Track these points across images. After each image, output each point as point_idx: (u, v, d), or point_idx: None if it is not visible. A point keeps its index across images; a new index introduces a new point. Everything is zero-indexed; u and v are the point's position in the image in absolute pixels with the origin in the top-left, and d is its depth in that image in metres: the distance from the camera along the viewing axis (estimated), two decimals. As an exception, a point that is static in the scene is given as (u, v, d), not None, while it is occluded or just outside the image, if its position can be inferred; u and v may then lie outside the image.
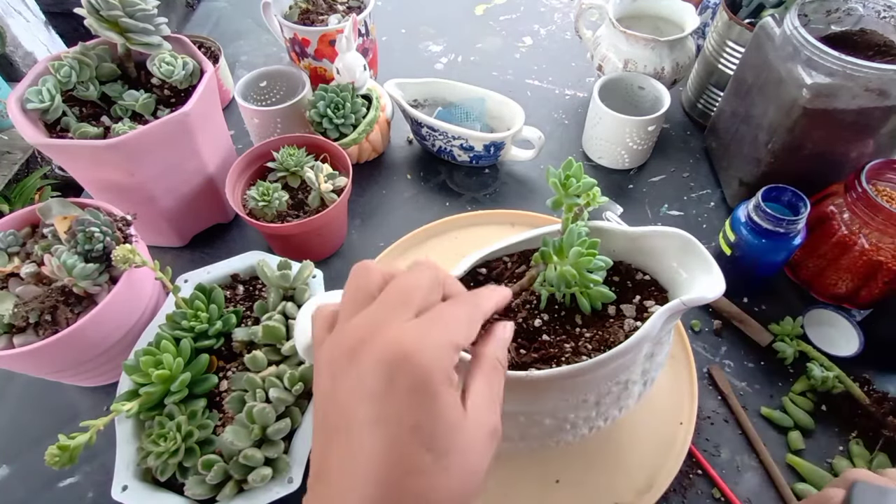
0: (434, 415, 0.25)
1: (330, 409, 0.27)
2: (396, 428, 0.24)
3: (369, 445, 0.24)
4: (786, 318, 0.61)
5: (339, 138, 0.73)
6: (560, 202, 0.39)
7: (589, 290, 0.40)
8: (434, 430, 0.25)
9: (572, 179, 0.37)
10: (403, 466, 0.24)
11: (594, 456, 0.52)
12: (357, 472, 0.25)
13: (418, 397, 0.25)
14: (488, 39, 1.04)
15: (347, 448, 0.25)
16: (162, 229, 0.68)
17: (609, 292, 0.40)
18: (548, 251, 0.38)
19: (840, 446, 0.55)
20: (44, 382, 0.59)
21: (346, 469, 0.25)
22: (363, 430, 0.25)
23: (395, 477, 0.24)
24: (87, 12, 0.56)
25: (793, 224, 0.55)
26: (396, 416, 0.24)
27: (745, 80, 0.68)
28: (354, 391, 0.25)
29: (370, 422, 0.25)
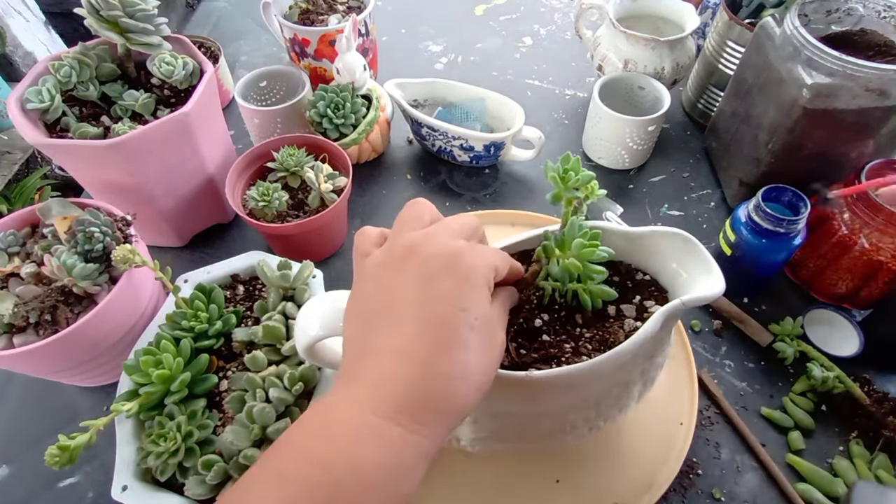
0: (480, 303, 0.29)
1: (377, 302, 0.30)
2: (450, 305, 0.28)
3: (421, 318, 0.28)
4: (786, 318, 0.61)
5: (339, 138, 0.73)
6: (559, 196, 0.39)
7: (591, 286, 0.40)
8: (479, 314, 0.28)
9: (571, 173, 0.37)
10: (452, 338, 0.28)
11: (594, 456, 0.52)
12: (406, 343, 0.28)
13: (469, 286, 0.28)
14: (488, 39, 1.04)
15: (397, 325, 0.28)
16: (162, 229, 0.68)
17: (610, 290, 0.40)
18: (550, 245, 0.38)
19: (840, 446, 0.55)
20: (44, 382, 0.59)
21: (395, 343, 0.28)
22: (415, 308, 0.28)
23: (443, 346, 0.27)
24: (87, 12, 0.56)
25: (793, 224, 0.55)
26: (450, 297, 0.28)
27: (746, 80, 0.68)
28: (408, 281, 0.29)
29: (423, 301, 0.28)
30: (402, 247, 0.30)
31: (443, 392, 0.27)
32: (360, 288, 0.32)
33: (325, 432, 0.28)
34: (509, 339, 0.42)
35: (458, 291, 0.28)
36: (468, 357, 0.28)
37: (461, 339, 0.28)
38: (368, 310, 0.31)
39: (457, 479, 0.51)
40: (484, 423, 0.41)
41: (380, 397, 0.27)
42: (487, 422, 0.41)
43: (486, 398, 0.39)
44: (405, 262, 0.30)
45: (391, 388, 0.27)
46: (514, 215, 0.70)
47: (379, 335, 0.29)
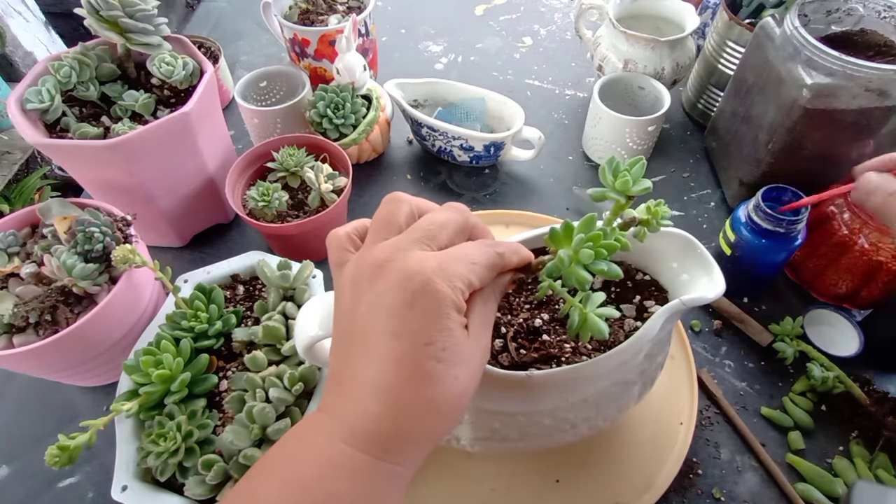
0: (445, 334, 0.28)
1: (350, 324, 0.30)
2: (412, 342, 0.27)
3: (386, 354, 0.28)
4: (786, 318, 0.61)
5: (338, 138, 0.73)
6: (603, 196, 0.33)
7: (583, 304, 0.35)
8: (445, 345, 0.28)
9: (625, 173, 0.32)
10: (417, 374, 0.27)
11: (594, 456, 0.52)
12: (373, 377, 0.28)
13: (433, 318, 0.28)
14: (488, 39, 1.04)
15: (365, 356, 0.28)
16: (162, 229, 0.68)
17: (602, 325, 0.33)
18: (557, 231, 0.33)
19: (840, 446, 0.55)
20: (44, 382, 0.59)
21: (364, 375, 0.28)
22: (381, 340, 0.28)
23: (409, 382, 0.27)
24: (87, 12, 0.56)
25: (793, 224, 0.55)
26: (413, 332, 0.27)
27: (745, 80, 0.68)
28: (375, 306, 0.28)
29: (388, 334, 0.28)
30: (371, 265, 0.29)
31: (411, 425, 0.27)
32: (338, 303, 0.31)
33: (299, 458, 0.28)
34: (509, 339, 0.42)
35: (422, 325, 0.27)
36: (435, 391, 0.27)
37: (426, 375, 0.27)
38: (344, 331, 0.30)
39: (457, 479, 0.51)
40: (484, 423, 0.41)
41: (348, 429, 0.27)
42: (487, 422, 0.41)
43: (486, 398, 0.39)
44: (373, 283, 0.29)
45: (359, 421, 0.27)
46: (513, 215, 0.70)
47: (349, 364, 0.29)
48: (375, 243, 0.30)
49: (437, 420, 0.28)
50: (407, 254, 0.29)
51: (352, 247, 0.33)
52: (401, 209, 0.32)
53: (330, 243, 0.33)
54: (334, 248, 0.33)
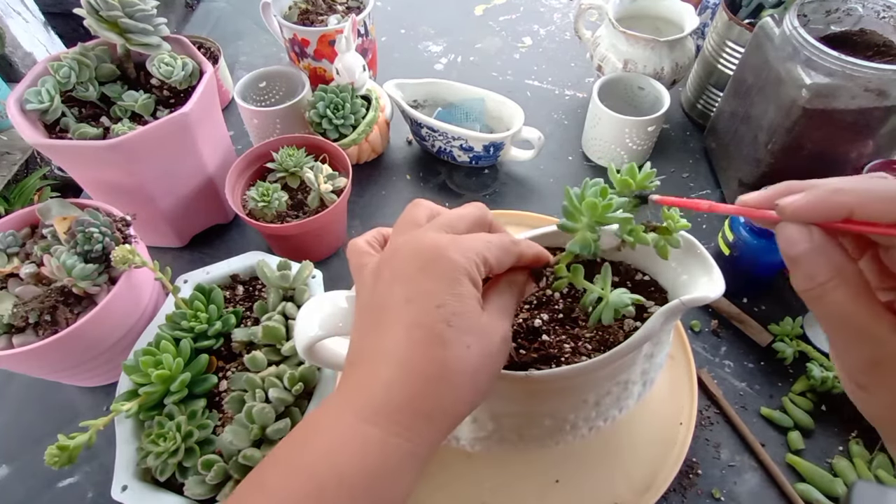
0: (456, 298, 0.28)
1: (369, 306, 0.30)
2: (423, 304, 0.27)
3: (398, 319, 0.28)
4: (785, 318, 0.61)
5: (338, 139, 0.73)
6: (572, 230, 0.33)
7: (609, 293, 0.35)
8: (456, 310, 0.27)
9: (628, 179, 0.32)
10: (427, 335, 0.27)
11: (594, 456, 0.52)
12: (385, 344, 0.28)
13: (445, 282, 0.28)
14: (488, 40, 1.04)
15: (379, 326, 0.28)
16: (161, 230, 0.68)
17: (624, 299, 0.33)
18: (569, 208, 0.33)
19: (840, 446, 0.55)
20: (44, 382, 0.59)
21: (377, 345, 0.28)
22: (394, 307, 0.28)
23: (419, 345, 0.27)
24: (87, 13, 0.56)
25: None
26: (424, 295, 0.28)
27: (745, 80, 0.68)
28: (391, 279, 0.29)
29: (402, 300, 0.28)
30: (390, 251, 0.31)
31: (422, 394, 0.27)
32: (358, 300, 0.32)
33: (307, 442, 0.27)
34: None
35: (434, 288, 0.28)
36: (445, 355, 0.27)
37: (435, 338, 0.27)
38: (362, 319, 0.31)
39: (457, 479, 0.51)
40: (484, 423, 0.41)
41: (360, 401, 0.27)
42: (487, 422, 0.41)
43: (487, 398, 0.39)
44: (391, 266, 0.30)
45: (370, 391, 0.27)
46: (513, 216, 0.70)
47: (367, 341, 0.29)
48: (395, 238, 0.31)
49: (449, 390, 0.27)
50: (424, 235, 0.30)
51: (372, 251, 0.34)
52: (421, 212, 0.33)
53: (350, 250, 0.34)
54: (354, 253, 0.34)
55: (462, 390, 0.27)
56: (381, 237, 0.35)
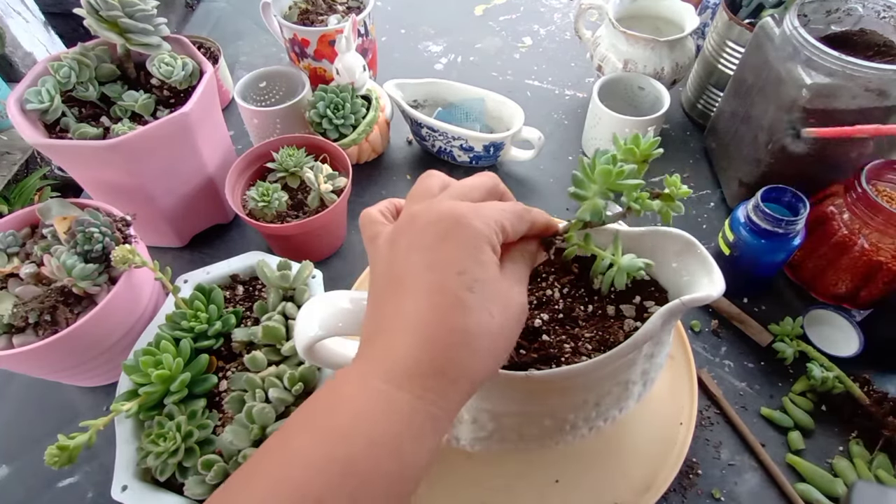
0: (478, 265, 0.28)
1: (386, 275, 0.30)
2: (445, 271, 0.28)
3: (420, 287, 0.28)
4: (786, 318, 0.61)
5: (338, 139, 0.73)
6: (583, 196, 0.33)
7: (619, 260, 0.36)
8: (478, 276, 0.28)
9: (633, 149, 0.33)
10: (450, 301, 0.27)
11: (594, 456, 0.52)
12: (407, 312, 0.28)
13: (466, 250, 0.28)
14: (488, 40, 1.04)
15: (400, 295, 0.28)
16: (161, 229, 0.68)
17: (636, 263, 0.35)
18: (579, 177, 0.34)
19: (840, 446, 0.55)
20: (44, 382, 0.59)
21: (398, 313, 0.28)
22: (415, 275, 0.28)
23: (442, 311, 0.27)
24: (87, 13, 0.56)
25: (792, 224, 0.55)
26: (445, 262, 0.28)
27: (745, 80, 0.68)
28: (410, 248, 0.29)
29: (422, 267, 0.28)
30: (406, 220, 0.30)
31: (445, 358, 0.27)
32: (373, 270, 0.32)
33: (333, 406, 0.27)
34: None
35: (455, 255, 0.28)
36: (468, 322, 0.27)
37: (458, 304, 0.27)
38: (379, 288, 0.31)
39: (457, 479, 0.51)
40: (484, 423, 0.41)
41: (385, 366, 0.27)
42: (487, 422, 0.41)
43: (486, 398, 0.39)
44: (408, 235, 0.30)
45: (393, 357, 0.27)
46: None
47: (386, 309, 0.29)
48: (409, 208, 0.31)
49: (471, 355, 0.27)
50: (440, 203, 0.30)
51: (385, 221, 0.34)
52: (434, 182, 0.33)
53: (363, 220, 0.34)
54: (367, 223, 0.34)
55: (483, 356, 0.28)
56: (393, 207, 0.35)
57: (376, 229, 0.33)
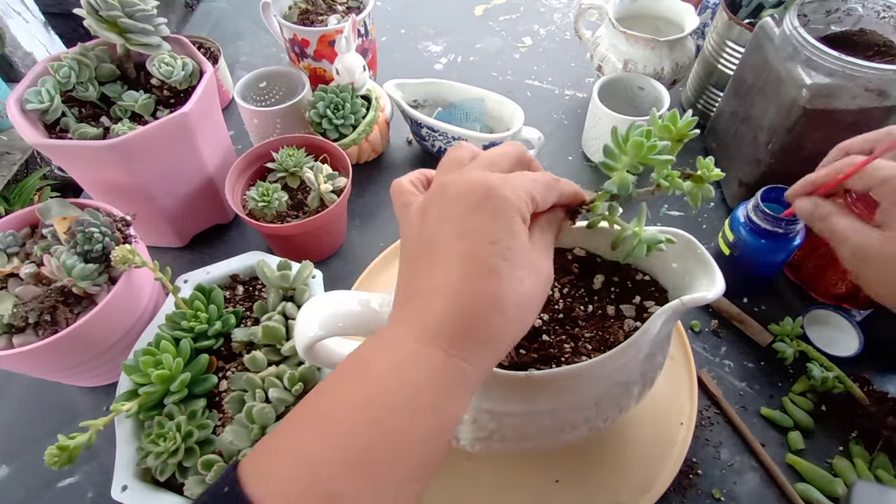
0: (510, 235, 0.29)
1: (417, 244, 0.31)
2: (476, 240, 0.28)
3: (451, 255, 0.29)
4: (786, 318, 0.61)
5: (338, 139, 0.73)
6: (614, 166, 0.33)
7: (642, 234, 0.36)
8: (510, 245, 0.29)
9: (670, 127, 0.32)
10: (482, 270, 0.28)
11: (594, 456, 0.52)
12: (439, 279, 0.28)
13: (498, 220, 0.29)
14: (488, 40, 1.04)
15: (431, 264, 0.29)
16: (161, 230, 0.68)
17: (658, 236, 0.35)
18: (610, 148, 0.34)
19: (840, 446, 0.55)
20: (44, 382, 0.59)
21: (430, 281, 0.29)
22: (447, 244, 0.29)
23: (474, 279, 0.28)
24: (87, 13, 0.56)
25: (792, 224, 0.55)
26: (478, 232, 0.29)
27: (745, 80, 0.68)
28: (441, 217, 0.30)
29: (453, 237, 0.29)
30: (437, 190, 0.31)
31: (477, 323, 0.28)
32: (404, 239, 0.33)
33: (371, 362, 0.28)
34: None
35: (487, 225, 0.29)
36: (501, 289, 0.28)
37: (491, 272, 0.28)
38: (410, 257, 0.31)
39: (457, 479, 0.51)
40: (484, 424, 0.41)
41: (418, 327, 0.28)
42: (487, 422, 0.41)
43: (486, 398, 0.39)
44: (439, 205, 0.30)
45: (426, 320, 0.28)
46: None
47: (418, 278, 0.30)
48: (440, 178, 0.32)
49: (503, 320, 0.28)
50: (469, 173, 0.31)
51: (416, 191, 0.34)
52: (465, 153, 0.34)
53: (394, 190, 0.35)
54: (398, 192, 0.34)
55: (513, 321, 0.29)
56: (424, 178, 0.36)
57: (407, 199, 0.33)
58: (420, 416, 0.26)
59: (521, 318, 0.29)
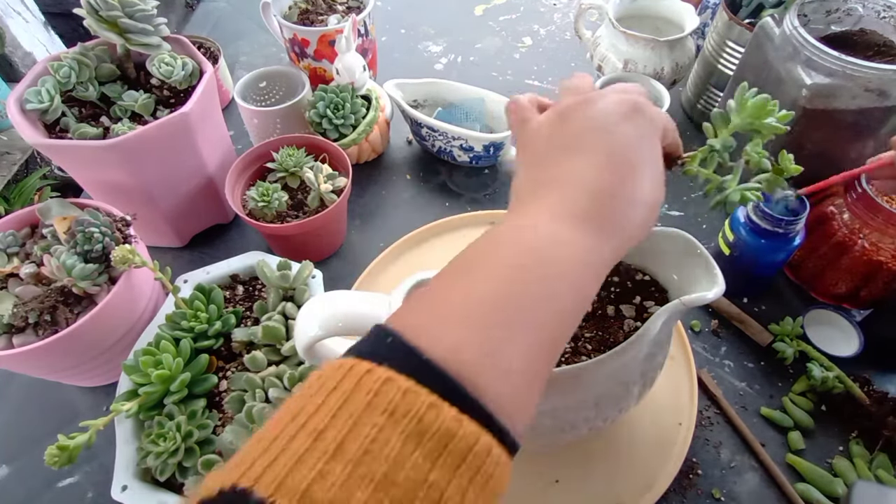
0: (652, 146, 0.31)
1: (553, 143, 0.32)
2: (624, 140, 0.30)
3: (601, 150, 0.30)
4: (786, 318, 0.61)
5: (338, 139, 0.73)
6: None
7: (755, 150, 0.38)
8: (652, 155, 0.31)
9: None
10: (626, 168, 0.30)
11: (594, 456, 0.52)
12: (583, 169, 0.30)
13: (646, 130, 0.31)
14: (488, 40, 1.04)
15: (573, 159, 0.30)
16: (161, 230, 0.68)
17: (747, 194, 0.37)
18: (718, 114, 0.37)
19: (840, 446, 0.55)
20: (44, 382, 0.59)
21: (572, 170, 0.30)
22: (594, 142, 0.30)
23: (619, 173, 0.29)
24: (87, 13, 0.56)
25: (792, 225, 0.55)
26: (625, 136, 0.30)
27: (745, 80, 0.68)
28: (590, 119, 0.31)
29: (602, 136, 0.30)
30: (580, 101, 0.32)
31: (620, 211, 0.29)
32: (528, 143, 0.34)
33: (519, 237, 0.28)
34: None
35: (635, 132, 0.30)
36: (637, 185, 0.30)
37: (634, 171, 0.30)
38: (539, 157, 0.32)
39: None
40: (484, 424, 0.41)
41: (560, 207, 0.29)
42: (487, 422, 0.41)
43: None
44: (585, 111, 0.32)
45: (574, 197, 0.29)
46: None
47: (553, 170, 0.31)
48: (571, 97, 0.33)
49: (633, 213, 0.29)
50: (612, 92, 0.32)
51: (535, 108, 0.36)
52: (587, 81, 0.35)
53: (512, 106, 0.36)
54: (519, 108, 0.36)
55: (641, 219, 0.30)
56: (536, 101, 0.37)
57: (526, 115, 0.35)
58: (562, 287, 0.27)
59: (646, 218, 0.30)
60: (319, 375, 0.23)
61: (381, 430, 0.21)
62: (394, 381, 0.22)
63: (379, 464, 0.20)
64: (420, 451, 0.21)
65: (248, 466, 0.20)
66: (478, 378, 0.23)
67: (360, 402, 0.21)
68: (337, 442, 0.20)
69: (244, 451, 0.22)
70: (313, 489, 0.19)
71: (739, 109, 0.35)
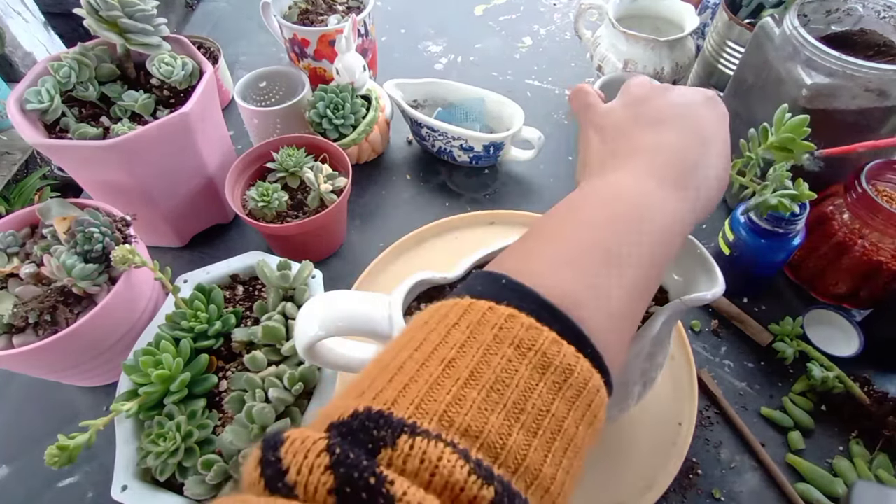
0: (725, 130, 0.35)
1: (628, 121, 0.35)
2: (704, 118, 0.34)
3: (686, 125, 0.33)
4: (786, 318, 0.61)
5: (338, 139, 0.73)
6: None
7: None
8: (726, 137, 0.34)
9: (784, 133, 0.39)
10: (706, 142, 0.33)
11: (594, 456, 0.52)
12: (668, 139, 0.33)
13: (721, 117, 0.35)
14: (488, 40, 1.04)
15: (655, 131, 0.33)
16: (161, 230, 0.68)
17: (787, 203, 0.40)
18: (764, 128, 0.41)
19: (840, 446, 0.55)
20: (44, 382, 0.59)
21: (656, 140, 0.33)
22: (676, 118, 0.33)
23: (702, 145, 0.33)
24: (87, 13, 0.56)
25: (792, 225, 0.55)
26: (704, 117, 0.34)
27: (745, 80, 0.68)
28: (670, 103, 0.34)
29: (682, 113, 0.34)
30: (655, 89, 0.36)
31: (702, 180, 0.32)
32: (604, 120, 0.36)
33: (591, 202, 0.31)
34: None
35: (712, 116, 0.34)
36: (719, 165, 0.33)
37: (717, 148, 0.33)
38: (621, 131, 0.35)
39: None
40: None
41: (649, 169, 0.31)
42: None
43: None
44: (664, 97, 0.35)
45: (663, 162, 0.31)
46: (513, 216, 0.70)
47: (641, 140, 0.33)
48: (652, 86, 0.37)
49: (707, 182, 0.32)
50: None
51: (596, 95, 0.39)
52: (648, 81, 0.38)
53: (578, 92, 0.39)
54: (582, 93, 0.39)
55: (714, 188, 0.33)
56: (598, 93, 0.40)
57: (590, 100, 0.38)
58: (655, 238, 0.28)
59: (718, 191, 0.33)
60: (436, 311, 0.25)
61: (510, 361, 0.22)
62: (517, 318, 0.23)
63: (510, 391, 0.21)
64: (544, 383, 0.22)
65: (377, 391, 0.21)
66: (589, 321, 0.24)
67: (486, 335, 0.23)
68: (469, 370, 0.22)
69: (365, 380, 0.23)
70: (451, 412, 0.20)
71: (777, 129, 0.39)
